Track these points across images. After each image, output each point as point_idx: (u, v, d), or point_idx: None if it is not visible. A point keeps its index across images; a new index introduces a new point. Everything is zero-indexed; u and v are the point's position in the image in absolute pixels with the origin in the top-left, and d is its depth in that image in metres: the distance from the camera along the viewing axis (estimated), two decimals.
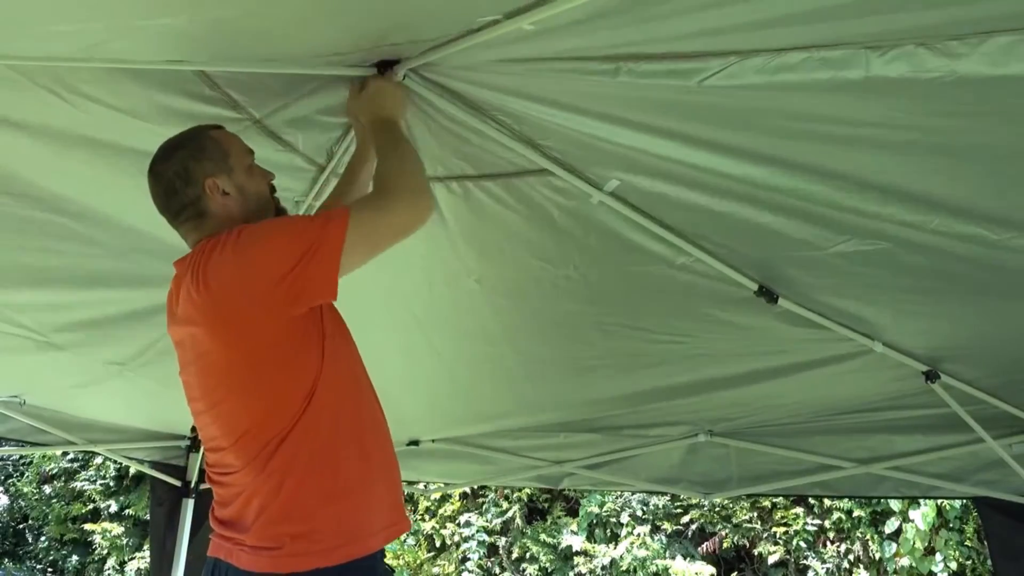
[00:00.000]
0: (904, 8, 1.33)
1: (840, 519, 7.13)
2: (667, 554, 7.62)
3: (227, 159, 1.70)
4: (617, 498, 7.91)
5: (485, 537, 8.60)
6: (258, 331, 1.58)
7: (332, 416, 1.61)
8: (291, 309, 1.57)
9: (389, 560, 8.97)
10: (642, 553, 7.58)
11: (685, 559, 7.57)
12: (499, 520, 8.61)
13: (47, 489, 11.21)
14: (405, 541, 8.96)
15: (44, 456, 10.68)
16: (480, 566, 8.61)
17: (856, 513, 7.03)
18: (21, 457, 11.67)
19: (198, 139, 1.71)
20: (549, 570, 8.17)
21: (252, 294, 1.56)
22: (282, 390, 1.60)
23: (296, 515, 1.55)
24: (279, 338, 1.59)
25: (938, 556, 6.43)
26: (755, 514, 7.53)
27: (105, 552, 10.36)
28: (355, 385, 1.72)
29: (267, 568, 1.53)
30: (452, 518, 8.94)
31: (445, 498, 9.05)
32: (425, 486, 6.11)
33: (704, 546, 7.72)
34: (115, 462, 9.13)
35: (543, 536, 8.21)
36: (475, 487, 8.65)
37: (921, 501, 6.40)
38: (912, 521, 6.47)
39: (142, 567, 9.88)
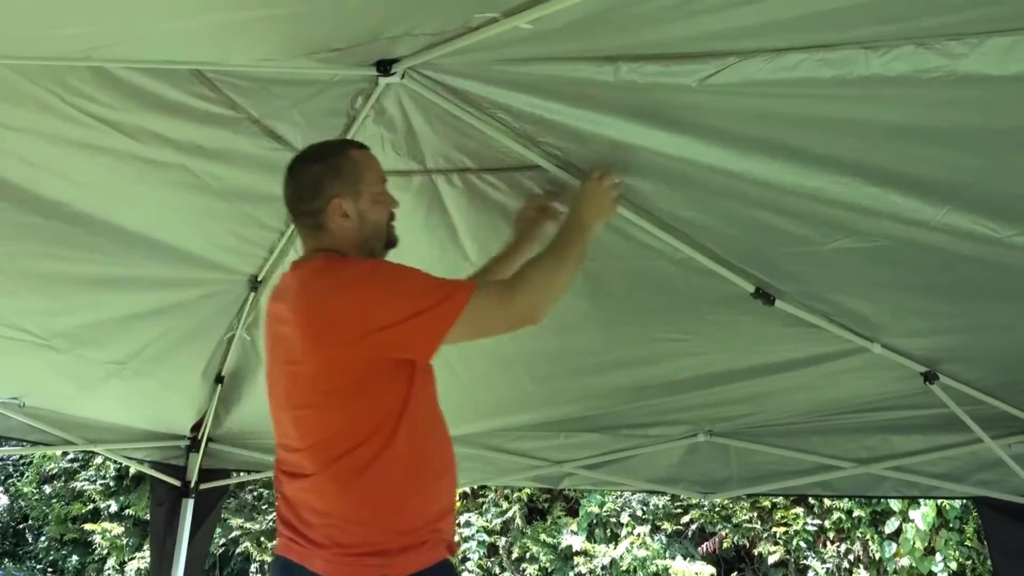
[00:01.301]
0: (904, 16, 1.34)
1: (840, 519, 7.13)
2: (667, 554, 7.62)
3: (358, 184, 1.77)
4: (617, 498, 7.90)
5: (485, 537, 8.59)
6: (349, 361, 1.64)
7: (407, 446, 1.65)
8: (384, 353, 1.64)
9: None
10: (642, 553, 7.57)
11: (685, 559, 7.57)
12: (499, 520, 8.60)
13: (47, 489, 11.20)
14: None
15: (44, 456, 10.67)
16: (480, 566, 8.60)
17: (856, 513, 7.03)
18: (21, 457, 11.66)
19: (338, 157, 1.78)
20: (549, 570, 8.16)
21: (356, 329, 1.62)
22: (362, 414, 1.66)
23: (367, 529, 1.61)
24: (368, 371, 1.65)
25: (938, 556, 6.43)
26: (755, 514, 7.53)
27: (105, 552, 10.35)
28: (432, 423, 1.76)
29: (338, 574, 1.59)
30: None
31: None
32: None
33: (704, 546, 7.72)
34: (115, 462, 9.13)
35: (543, 536, 8.20)
36: (475, 487, 8.64)
37: (921, 501, 6.40)
38: (912, 521, 6.47)
39: (142, 567, 9.87)
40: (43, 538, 11.47)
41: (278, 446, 1.79)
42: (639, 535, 7.69)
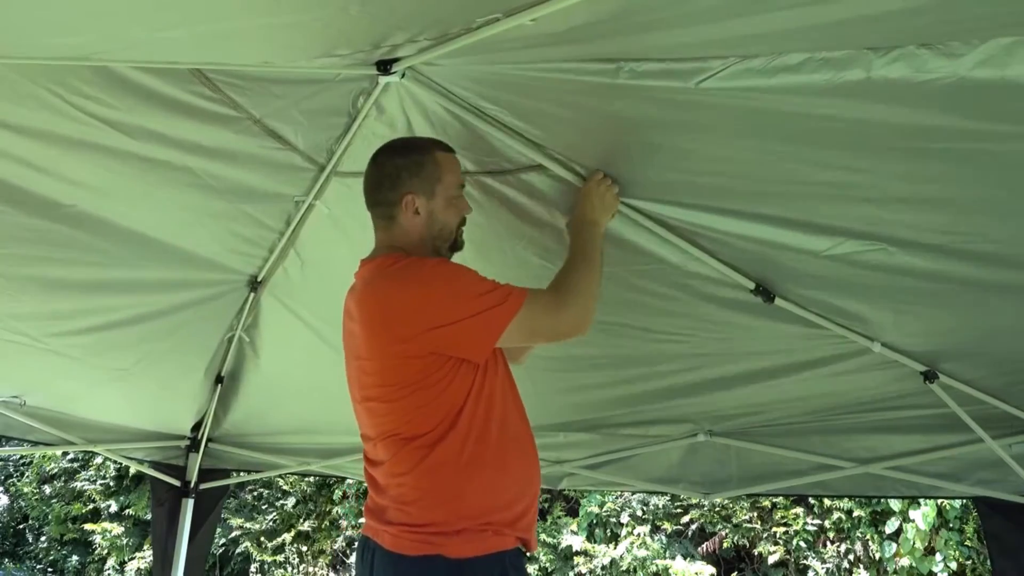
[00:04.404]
0: (904, 25, 1.34)
1: (840, 519, 7.12)
2: (667, 554, 7.62)
3: (435, 185, 1.83)
4: (617, 498, 7.90)
5: None
6: (408, 355, 1.72)
7: (467, 437, 1.72)
8: (440, 350, 1.71)
9: None
10: (642, 553, 7.57)
11: (685, 559, 7.57)
12: None
13: (47, 489, 11.20)
14: None
15: (44, 456, 10.67)
16: None
17: (856, 513, 7.02)
18: (21, 457, 11.66)
19: (422, 155, 1.83)
20: (549, 570, 8.16)
21: (414, 326, 1.70)
22: (423, 405, 1.73)
23: (427, 510, 1.69)
24: (428, 365, 1.72)
25: (938, 556, 6.42)
26: (755, 514, 7.53)
27: (105, 552, 10.35)
28: (499, 417, 1.80)
29: (404, 550, 1.69)
30: None
31: None
32: None
33: (704, 546, 7.71)
34: (115, 462, 9.13)
35: (543, 536, 8.20)
36: None
37: (921, 501, 6.40)
38: (912, 521, 6.46)
39: (142, 567, 9.88)
40: (43, 538, 11.47)
41: (361, 435, 1.88)
42: (639, 535, 7.68)
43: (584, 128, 1.87)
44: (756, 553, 7.57)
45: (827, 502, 7.18)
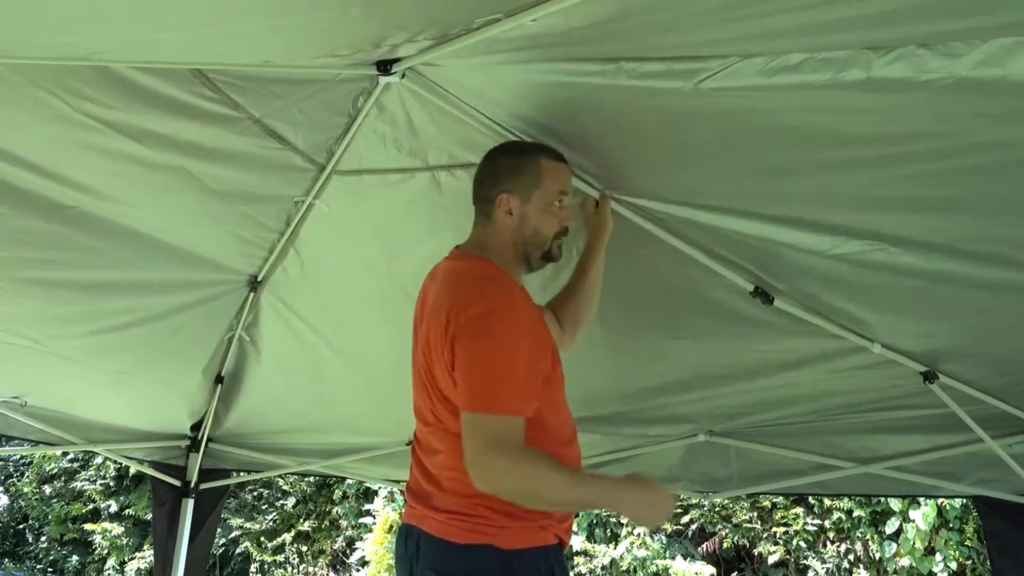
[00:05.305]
0: (904, 23, 1.34)
1: (840, 519, 7.13)
2: (667, 554, 7.62)
3: (533, 190, 1.83)
4: None
5: None
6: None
7: (531, 439, 1.67)
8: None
9: (387, 559, 8.97)
10: (642, 553, 7.57)
11: (685, 559, 7.57)
12: None
13: (47, 489, 11.21)
14: None
15: (44, 456, 10.67)
16: None
17: (856, 513, 7.02)
18: (21, 457, 11.67)
19: (526, 158, 1.85)
20: None
21: (449, 342, 1.69)
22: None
23: (480, 503, 1.67)
24: None
25: (938, 556, 6.43)
26: (755, 514, 7.53)
27: (105, 552, 10.36)
28: (545, 421, 1.76)
29: (453, 537, 1.69)
30: None
31: None
32: None
33: (704, 546, 7.72)
34: (115, 462, 9.13)
35: None
36: None
37: (921, 501, 6.40)
38: (912, 521, 6.46)
39: (142, 567, 9.88)
40: (43, 538, 11.48)
41: (416, 419, 1.87)
42: (639, 535, 7.68)
43: (584, 128, 1.87)
44: (756, 553, 7.57)
45: (827, 502, 7.18)
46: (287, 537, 9.51)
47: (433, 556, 1.70)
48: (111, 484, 10.44)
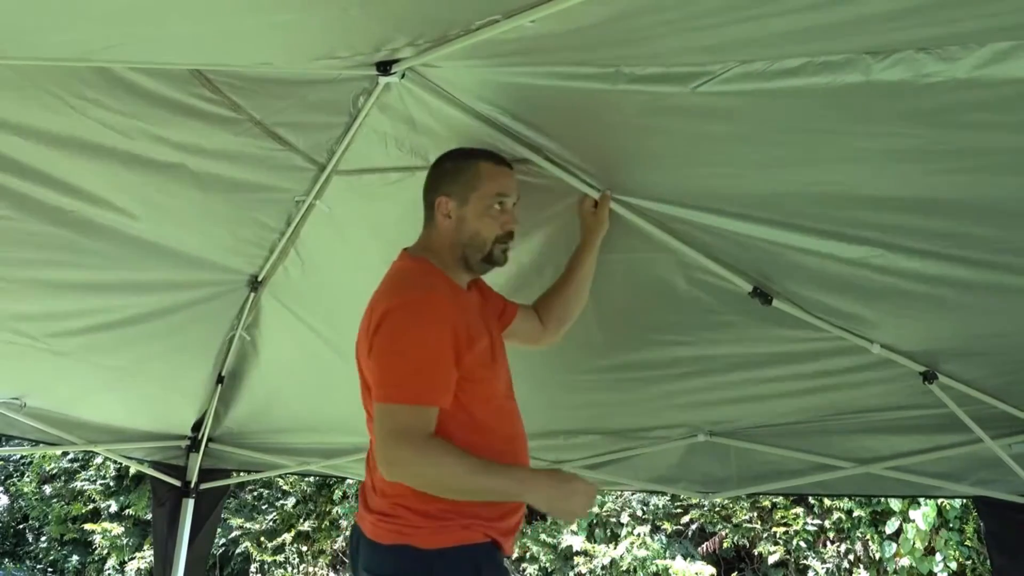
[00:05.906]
0: (903, 27, 1.34)
1: (840, 519, 7.12)
2: (667, 554, 7.62)
3: (470, 192, 1.85)
4: (617, 498, 7.90)
5: None
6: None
7: (448, 434, 1.70)
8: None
9: None
10: (642, 553, 7.57)
11: (685, 559, 7.57)
12: None
13: (47, 489, 11.20)
14: None
15: (44, 456, 10.67)
16: None
17: (856, 513, 7.02)
18: (21, 457, 11.66)
19: (467, 162, 1.87)
20: (549, 570, 8.16)
21: (370, 340, 1.76)
22: None
23: (397, 499, 1.72)
24: None
25: (938, 556, 6.42)
26: (755, 514, 7.53)
27: (105, 552, 10.35)
28: (478, 423, 1.78)
29: (379, 538, 1.73)
30: None
31: None
32: None
33: (704, 546, 7.71)
34: (115, 462, 9.13)
35: (543, 536, 8.20)
36: None
37: (921, 501, 6.40)
38: (912, 521, 6.46)
39: (142, 567, 9.87)
40: (43, 538, 11.47)
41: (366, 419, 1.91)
42: (639, 535, 7.68)
43: (582, 131, 1.87)
44: (756, 553, 7.57)
45: (827, 502, 7.18)
46: (287, 537, 9.51)
47: (367, 557, 1.76)
48: (111, 484, 10.43)
